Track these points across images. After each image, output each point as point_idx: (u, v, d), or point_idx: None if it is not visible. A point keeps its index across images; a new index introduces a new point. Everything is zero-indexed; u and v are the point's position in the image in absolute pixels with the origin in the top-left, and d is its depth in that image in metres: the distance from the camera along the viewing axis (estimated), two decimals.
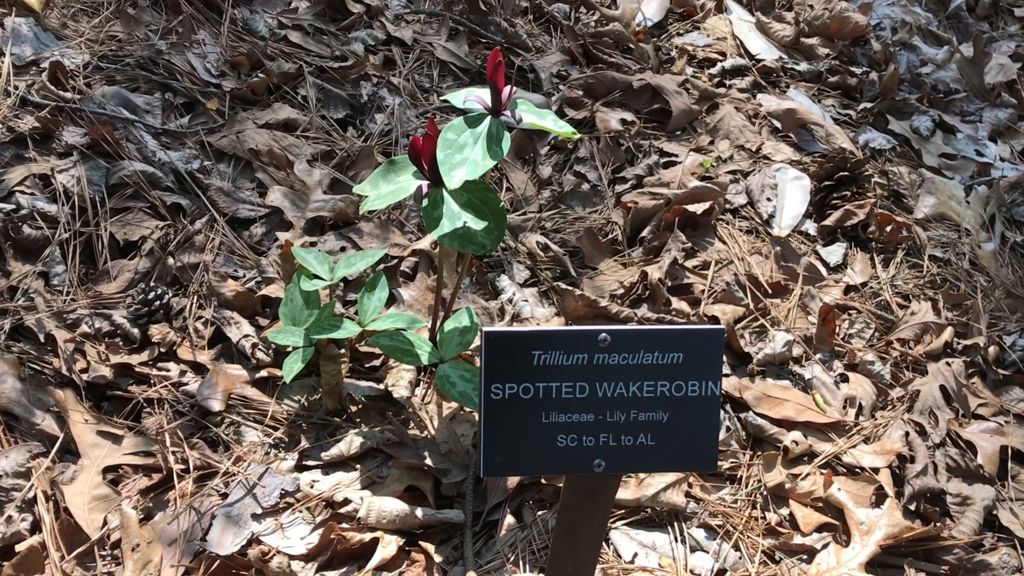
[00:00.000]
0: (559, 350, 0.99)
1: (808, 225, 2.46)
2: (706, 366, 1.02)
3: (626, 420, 1.03)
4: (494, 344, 0.99)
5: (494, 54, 1.59)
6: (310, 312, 1.85)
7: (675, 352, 1.00)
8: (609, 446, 1.04)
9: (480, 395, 1.00)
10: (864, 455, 1.93)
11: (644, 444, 1.04)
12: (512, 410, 1.01)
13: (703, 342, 1.01)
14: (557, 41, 2.86)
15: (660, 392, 1.02)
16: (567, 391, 1.01)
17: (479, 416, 1.02)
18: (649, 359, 1.00)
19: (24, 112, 2.15)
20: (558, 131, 1.66)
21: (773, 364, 2.08)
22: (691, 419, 1.03)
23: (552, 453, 1.04)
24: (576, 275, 2.21)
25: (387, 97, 2.47)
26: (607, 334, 1.00)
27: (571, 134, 1.66)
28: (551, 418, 1.02)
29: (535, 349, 0.99)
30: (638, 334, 1.01)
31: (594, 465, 1.05)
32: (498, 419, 1.00)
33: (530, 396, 1.01)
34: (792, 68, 2.99)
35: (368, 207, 1.69)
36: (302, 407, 1.84)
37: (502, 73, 1.60)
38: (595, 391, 1.02)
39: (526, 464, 1.04)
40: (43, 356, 1.80)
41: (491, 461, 1.02)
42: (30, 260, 1.93)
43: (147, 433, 1.73)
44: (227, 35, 2.50)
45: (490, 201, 1.69)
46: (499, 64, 1.58)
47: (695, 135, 2.64)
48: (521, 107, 1.68)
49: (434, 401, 1.89)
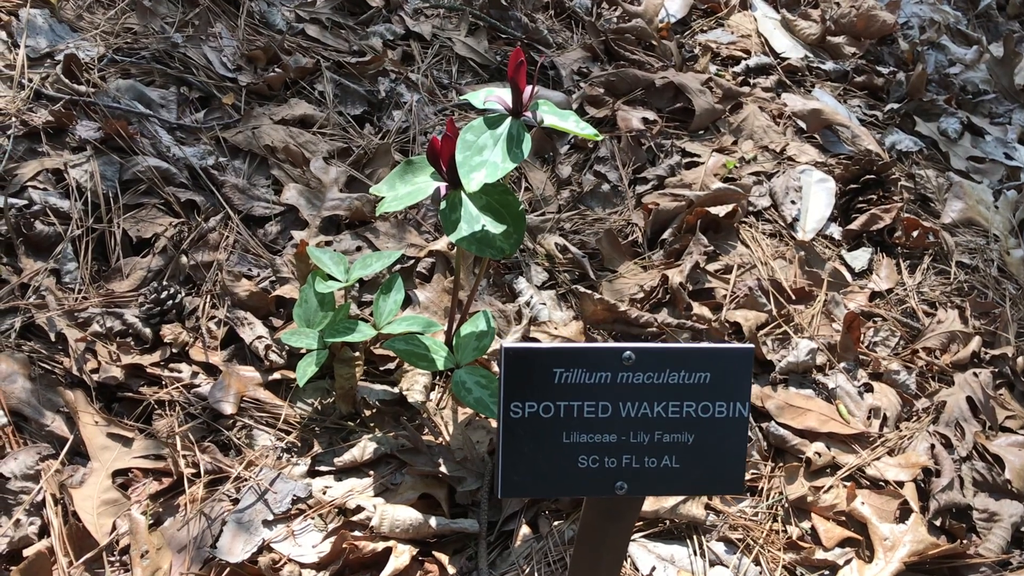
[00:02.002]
0: (582, 368, 0.95)
1: (833, 229, 2.41)
2: (734, 386, 0.98)
3: (650, 441, 0.99)
4: (514, 361, 0.95)
5: (516, 53, 1.55)
6: (325, 314, 1.82)
7: (703, 372, 0.96)
8: (632, 468, 1.00)
9: (499, 413, 0.97)
10: (888, 468, 1.88)
11: (668, 466, 1.00)
12: (532, 429, 0.97)
13: (732, 362, 0.97)
14: (578, 37, 2.81)
15: (686, 413, 0.98)
16: (589, 410, 0.97)
17: (498, 435, 0.98)
18: (675, 378, 0.96)
19: (38, 105, 2.12)
20: (580, 133, 1.62)
21: (796, 372, 2.03)
22: (718, 441, 0.99)
23: (573, 474, 1.00)
24: (595, 278, 2.17)
25: (405, 93, 2.43)
26: (632, 352, 0.96)
27: (593, 136, 1.62)
28: (572, 438, 0.98)
29: (557, 366, 0.95)
30: (664, 352, 0.97)
31: (616, 487, 1.02)
32: (517, 438, 0.97)
33: (551, 415, 0.97)
34: (817, 67, 2.93)
35: (384, 209, 1.66)
36: (315, 410, 1.80)
37: (524, 73, 1.55)
38: (618, 411, 0.98)
39: (546, 485, 1.00)
40: (53, 355, 1.77)
41: (509, 481, 0.98)
42: (42, 257, 1.90)
43: (158, 436, 1.70)
44: (244, 28, 2.46)
45: (509, 204, 1.65)
46: (521, 64, 1.54)
47: (718, 135, 2.59)
48: (542, 108, 1.64)
49: (449, 406, 1.86)
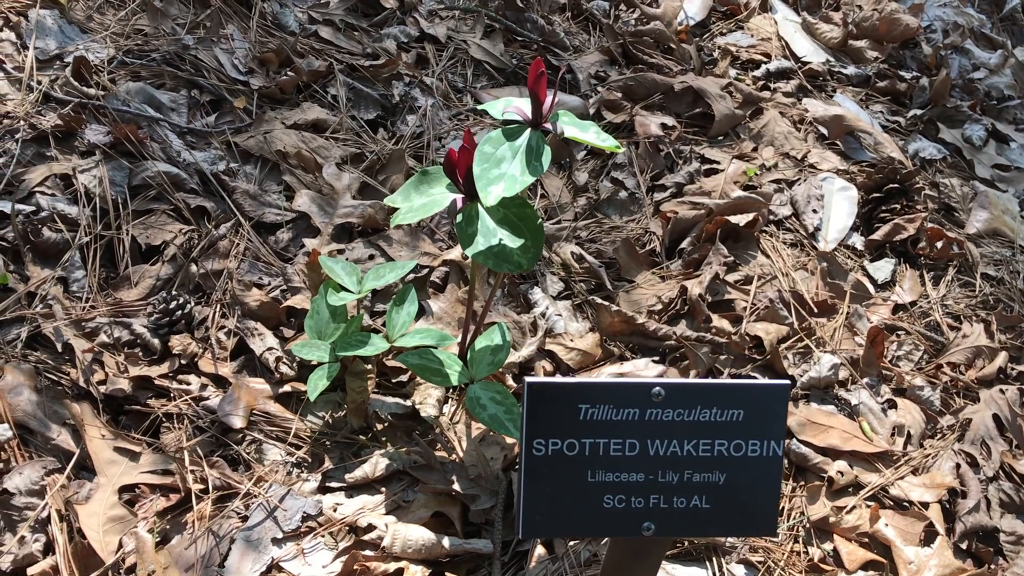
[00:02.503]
0: (608, 404, 0.91)
1: (855, 239, 2.36)
2: (768, 424, 0.93)
3: (679, 481, 0.94)
4: (537, 395, 0.91)
5: (536, 64, 1.50)
6: (336, 325, 1.78)
7: (735, 408, 0.91)
8: (660, 508, 0.96)
9: (521, 450, 0.92)
10: (913, 488, 1.83)
11: (698, 507, 0.96)
12: (555, 467, 0.93)
13: (766, 398, 0.92)
14: (596, 40, 2.76)
15: (717, 451, 0.93)
16: (616, 448, 0.93)
17: (519, 473, 0.94)
18: (707, 416, 0.92)
19: (47, 108, 2.09)
20: (601, 145, 1.57)
21: (818, 388, 1.99)
22: (750, 481, 0.95)
23: (598, 514, 0.95)
24: (612, 288, 2.12)
25: (419, 98, 2.38)
26: (661, 388, 0.91)
27: (615, 148, 1.58)
28: (598, 477, 0.94)
29: (582, 402, 0.91)
30: (695, 388, 0.92)
31: (643, 528, 0.97)
32: (540, 476, 0.92)
33: (575, 453, 0.93)
34: (839, 72, 2.87)
35: (399, 221, 1.62)
36: (326, 424, 1.77)
37: (544, 84, 1.51)
38: (646, 449, 0.93)
39: (569, 525, 0.96)
40: (60, 366, 1.74)
41: (531, 521, 0.94)
42: (49, 264, 1.86)
43: (165, 450, 1.66)
44: (256, 30, 2.42)
45: (527, 217, 1.61)
46: (541, 74, 1.49)
47: (738, 141, 2.54)
48: (562, 119, 1.59)
49: (463, 420, 1.82)
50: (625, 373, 1.94)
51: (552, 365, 1.96)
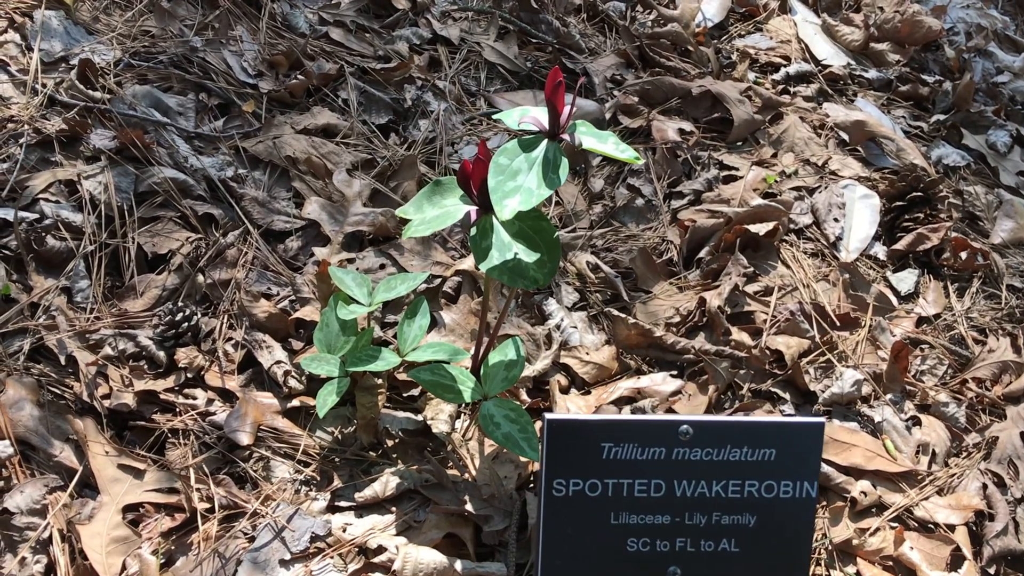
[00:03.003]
0: (633, 443, 0.86)
1: (877, 249, 2.30)
2: (802, 464, 0.88)
3: (707, 523, 0.89)
4: (558, 433, 0.86)
5: (554, 73, 1.45)
6: (347, 338, 1.73)
7: (767, 448, 0.86)
8: (687, 552, 0.91)
9: (540, 491, 0.88)
10: (939, 509, 1.78)
11: (727, 551, 0.91)
12: (577, 508, 0.88)
13: (800, 437, 0.87)
14: (612, 42, 2.70)
15: (748, 492, 0.88)
16: (640, 489, 0.88)
17: (538, 514, 0.89)
18: (737, 455, 0.87)
19: (52, 112, 2.04)
20: (620, 157, 1.52)
21: (840, 404, 1.93)
22: (782, 523, 0.90)
23: (621, 558, 0.91)
24: (628, 299, 2.07)
25: (432, 102, 2.33)
26: (690, 426, 0.87)
27: (634, 160, 1.53)
28: (621, 519, 0.89)
29: (605, 441, 0.86)
30: (725, 427, 0.87)
31: (669, 573, 0.92)
32: (560, 518, 0.88)
33: (597, 493, 0.88)
34: (860, 75, 2.81)
35: (412, 233, 1.57)
36: (335, 440, 1.72)
37: (562, 94, 1.46)
38: (672, 490, 0.88)
39: (591, 570, 0.91)
40: (63, 379, 1.70)
41: (550, 566, 0.89)
42: (53, 274, 1.82)
43: (171, 467, 1.62)
44: (265, 31, 2.37)
45: (543, 230, 1.56)
46: (559, 84, 1.44)
47: (757, 147, 2.48)
48: (580, 129, 1.54)
49: (475, 437, 1.77)
50: (642, 388, 1.89)
51: (567, 379, 1.91)
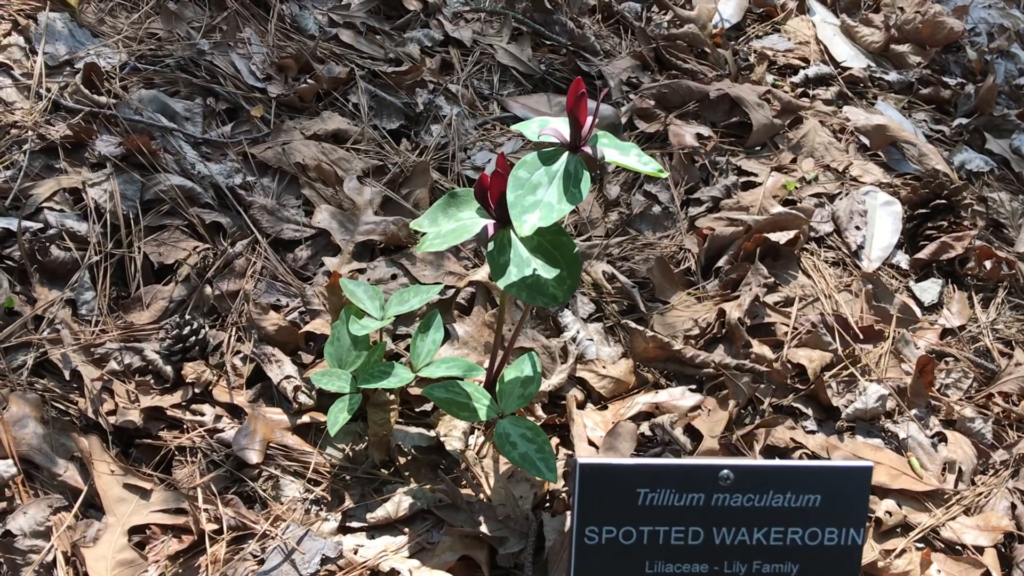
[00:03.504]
0: (670, 488, 0.81)
1: (900, 257, 2.25)
2: (848, 510, 0.83)
3: (747, 572, 0.85)
4: (590, 478, 0.82)
5: (576, 84, 1.40)
6: (358, 353, 1.68)
7: (812, 493, 0.82)
8: None
9: (572, 538, 0.83)
10: (966, 530, 1.73)
11: None
12: (610, 557, 0.84)
13: (846, 481, 0.83)
14: (627, 44, 2.64)
15: (790, 540, 0.83)
16: (677, 537, 0.83)
17: (569, 563, 0.84)
18: (780, 501, 0.82)
19: (56, 118, 2.00)
20: (643, 170, 1.47)
21: (864, 420, 1.88)
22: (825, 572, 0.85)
23: None
24: (645, 310, 2.02)
25: (444, 106, 2.28)
26: (730, 471, 0.82)
27: (658, 173, 1.48)
28: (657, 568, 0.84)
29: (641, 486, 0.81)
30: (768, 472, 0.83)
31: None
32: (593, 567, 0.83)
33: (632, 541, 0.83)
34: (880, 78, 2.75)
35: (427, 248, 1.52)
36: (346, 457, 1.68)
37: (584, 106, 1.41)
38: (711, 537, 0.84)
39: None
40: (68, 395, 1.65)
41: None
42: (57, 285, 1.78)
43: (178, 487, 1.58)
44: (274, 33, 2.32)
45: (563, 245, 1.51)
46: (581, 96, 1.39)
47: (776, 152, 2.43)
48: (602, 141, 1.49)
49: (490, 455, 1.72)
50: (660, 403, 1.84)
51: (583, 393, 1.87)
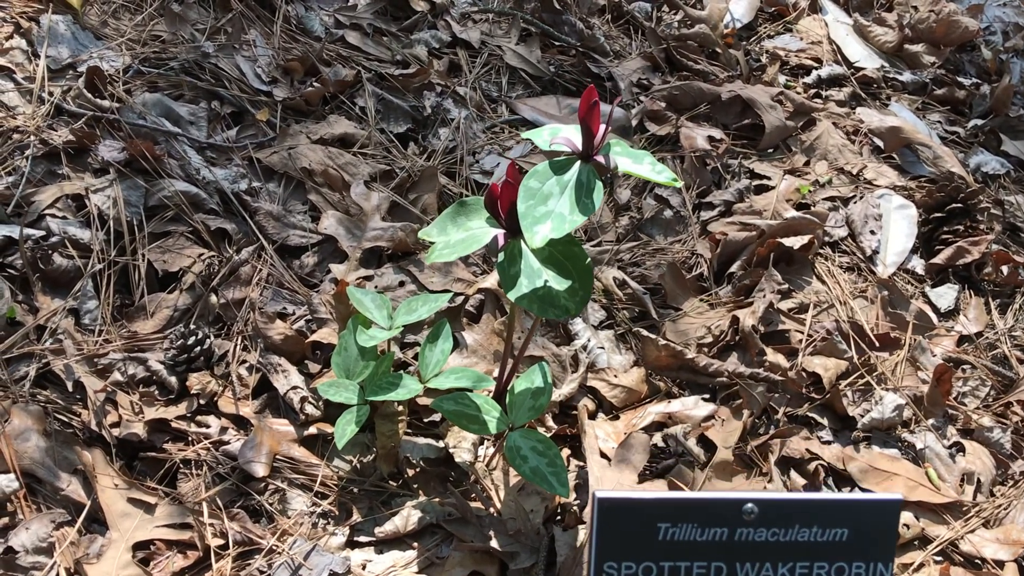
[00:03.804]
0: (692, 522, 0.78)
1: (915, 262, 2.21)
2: (876, 544, 0.80)
3: None
4: (609, 513, 0.78)
5: (588, 92, 1.36)
6: (366, 363, 1.66)
7: (839, 527, 0.78)
8: None
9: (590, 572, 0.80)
10: (986, 543, 1.69)
11: None
12: None
13: (874, 515, 0.79)
14: (637, 44, 2.61)
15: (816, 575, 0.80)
16: (700, 573, 0.80)
17: None
18: (806, 535, 0.79)
19: (59, 122, 1.97)
20: (657, 179, 1.43)
21: (880, 430, 1.85)
22: None
23: None
24: (657, 317, 1.99)
25: (452, 109, 2.25)
26: (754, 504, 0.79)
27: (672, 182, 1.44)
28: None
29: (662, 521, 0.78)
30: (793, 505, 0.79)
31: None
32: None
33: None
34: (894, 78, 2.71)
35: (436, 258, 1.49)
36: (354, 469, 1.65)
37: (597, 114, 1.37)
38: (735, 573, 0.80)
39: None
40: (71, 407, 1.62)
41: None
42: (60, 294, 1.75)
43: (183, 501, 1.55)
44: (280, 35, 2.29)
45: (575, 256, 1.47)
46: (594, 104, 1.35)
47: (789, 154, 2.39)
48: (615, 149, 1.46)
49: (500, 467, 1.69)
50: (673, 413, 1.81)
51: (594, 403, 1.83)
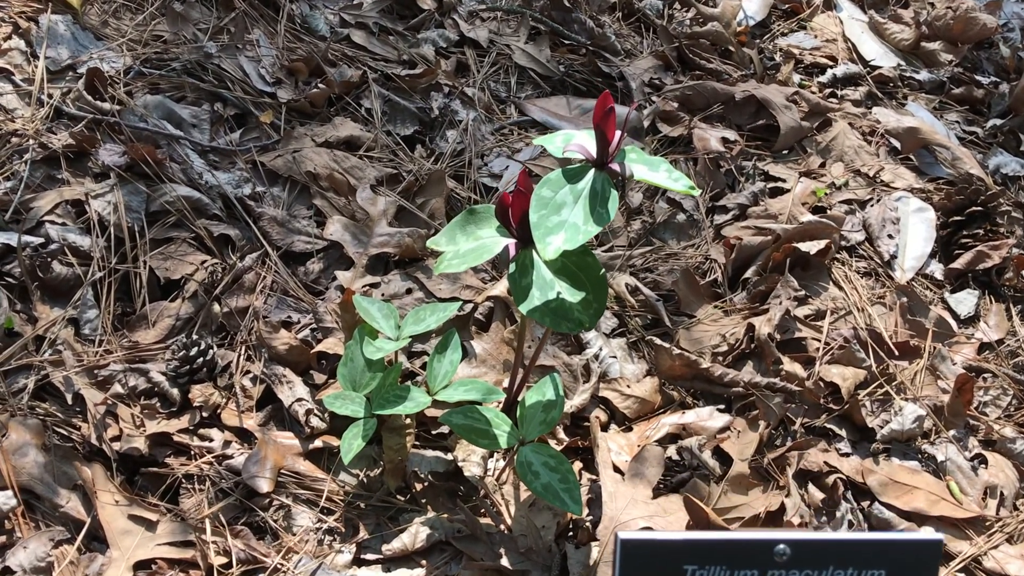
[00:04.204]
0: (720, 565, 0.73)
1: (934, 267, 2.16)
2: None
3: None
4: (633, 555, 0.74)
5: (604, 98, 1.31)
6: (373, 375, 1.61)
7: (876, 568, 0.74)
8: None
9: None
10: (1010, 560, 1.65)
11: None
12: None
13: (913, 556, 0.75)
14: (649, 43, 2.55)
15: None
16: None
17: None
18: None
19: (58, 125, 1.93)
20: (674, 188, 1.39)
21: (900, 441, 1.80)
22: None
23: None
24: (670, 324, 1.94)
25: (460, 110, 2.20)
26: (787, 546, 0.74)
27: (689, 191, 1.39)
28: None
29: (688, 563, 0.74)
30: (828, 546, 0.75)
31: None
32: None
33: None
34: (911, 77, 2.65)
35: (445, 268, 1.44)
36: (361, 484, 1.60)
37: (613, 121, 1.32)
38: None
39: None
40: (70, 420, 1.58)
41: None
42: (59, 303, 1.71)
43: (185, 517, 1.51)
44: (284, 35, 2.24)
45: (588, 267, 1.43)
46: (610, 111, 1.31)
47: (804, 156, 2.34)
48: (630, 156, 1.41)
49: (510, 481, 1.65)
50: (687, 424, 1.77)
51: (606, 414, 1.79)
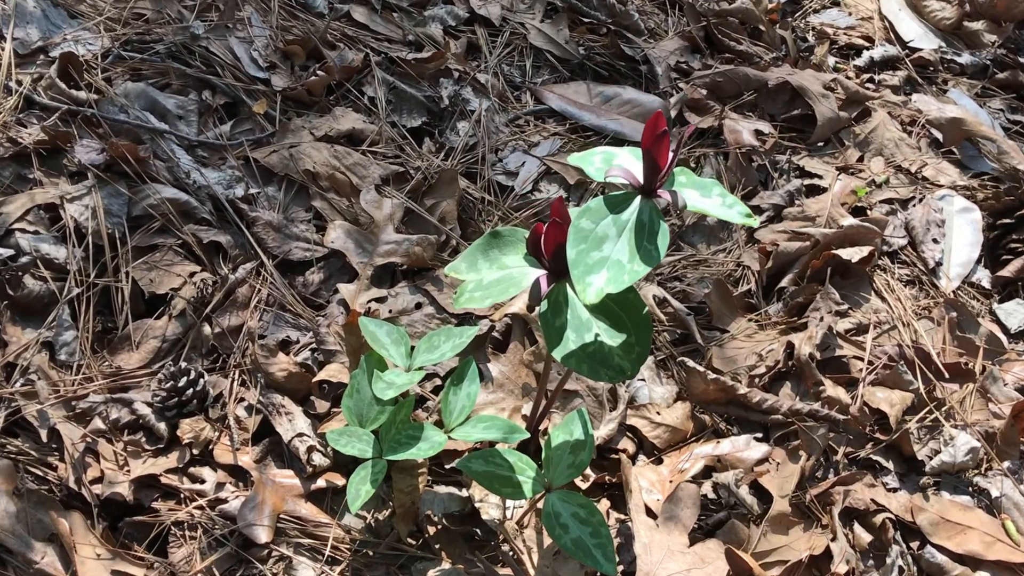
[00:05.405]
0: None
1: (980, 274, 2.00)
2: None
3: None
4: None
5: (655, 118, 1.14)
6: (381, 408, 1.45)
7: None
8: None
9: None
10: None
11: None
12: None
13: None
14: (674, 21, 2.36)
15: None
16: None
17: None
18: None
19: (29, 117, 1.74)
20: (731, 218, 1.22)
21: (950, 473, 1.66)
22: None
23: None
24: (702, 341, 1.78)
25: (471, 99, 2.01)
26: None
27: (748, 220, 1.23)
28: None
29: None
30: None
31: None
32: None
33: None
34: (952, 60, 2.47)
35: (465, 303, 1.28)
36: (368, 528, 1.46)
37: (666, 144, 1.15)
38: None
39: None
40: (46, 459, 1.43)
41: None
42: (32, 324, 1.54)
43: (176, 572, 1.36)
44: (278, 12, 2.04)
45: (630, 304, 1.26)
46: (663, 134, 1.13)
47: (842, 149, 2.16)
48: (679, 179, 1.24)
49: (533, 525, 1.50)
50: (723, 455, 1.62)
51: (635, 443, 1.64)
